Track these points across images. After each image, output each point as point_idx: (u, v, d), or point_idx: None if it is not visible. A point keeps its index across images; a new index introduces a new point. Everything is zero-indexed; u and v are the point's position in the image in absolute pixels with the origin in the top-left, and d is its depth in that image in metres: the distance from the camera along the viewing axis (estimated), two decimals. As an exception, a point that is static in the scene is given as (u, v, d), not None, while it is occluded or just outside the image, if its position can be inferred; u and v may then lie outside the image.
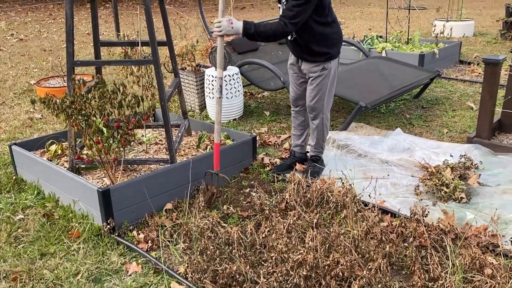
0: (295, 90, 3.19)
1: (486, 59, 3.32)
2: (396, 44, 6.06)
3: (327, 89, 2.99)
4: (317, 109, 3.04)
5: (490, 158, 3.29)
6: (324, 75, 2.94)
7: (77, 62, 2.86)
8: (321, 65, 2.92)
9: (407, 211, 2.61)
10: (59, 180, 2.92)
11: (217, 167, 2.96)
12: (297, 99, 3.23)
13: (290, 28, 2.73)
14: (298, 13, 2.69)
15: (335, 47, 2.93)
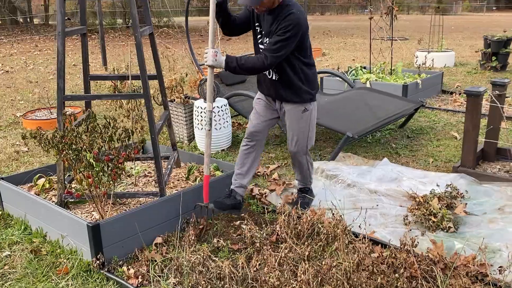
0: (259, 122, 3.05)
1: (468, 91, 3.43)
2: (379, 75, 6.21)
3: (309, 130, 2.98)
4: (300, 152, 3.02)
5: (476, 187, 3.35)
6: (305, 118, 2.93)
7: (68, 97, 2.87)
8: (303, 106, 2.91)
9: (397, 242, 2.63)
10: (47, 215, 2.88)
11: (206, 199, 2.95)
12: (256, 133, 3.06)
13: (271, 60, 2.72)
14: (280, 47, 2.70)
15: (315, 89, 2.95)
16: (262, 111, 3.08)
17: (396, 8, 6.13)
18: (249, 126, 3.11)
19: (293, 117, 2.95)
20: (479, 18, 27.56)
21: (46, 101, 5.84)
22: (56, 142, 2.46)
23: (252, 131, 3.07)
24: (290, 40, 2.71)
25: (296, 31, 2.71)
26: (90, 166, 2.47)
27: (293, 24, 2.69)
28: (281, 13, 2.74)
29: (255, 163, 3.12)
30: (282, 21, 2.72)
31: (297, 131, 2.97)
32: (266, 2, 2.71)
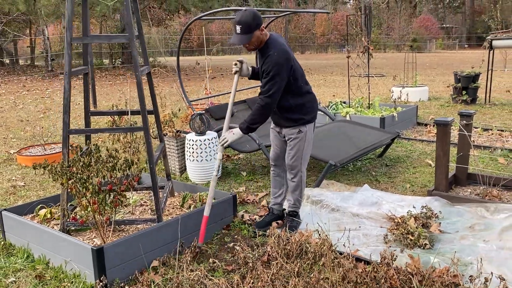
0: (275, 149, 3.51)
1: (438, 121, 3.78)
2: (358, 108, 6.60)
3: (304, 149, 3.33)
4: (296, 167, 3.35)
5: (449, 209, 3.64)
6: (300, 138, 3.28)
7: (72, 131, 3.11)
8: (297, 128, 3.27)
9: (378, 258, 2.87)
10: (51, 242, 3.05)
11: (201, 240, 3.15)
12: (277, 158, 3.52)
13: (265, 101, 3.08)
14: (269, 87, 3.06)
15: (309, 114, 3.29)
16: (274, 140, 3.50)
17: (371, 47, 6.59)
18: (271, 153, 3.57)
19: (290, 137, 3.32)
20: (451, 56, 28.88)
21: (39, 138, 6.03)
22: (65, 171, 2.68)
23: (273, 158, 3.54)
24: (275, 79, 3.06)
25: (278, 70, 3.05)
26: (96, 193, 2.69)
27: (272, 65, 3.05)
28: (264, 54, 3.13)
29: (284, 184, 3.59)
30: (264, 63, 3.11)
31: (294, 148, 3.31)
32: (254, 41, 3.08)
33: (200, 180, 4.62)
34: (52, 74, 18.15)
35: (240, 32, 3.04)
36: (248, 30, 3.02)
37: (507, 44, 7.63)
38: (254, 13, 3.05)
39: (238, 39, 3.06)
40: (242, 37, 3.05)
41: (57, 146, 6.00)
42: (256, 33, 3.05)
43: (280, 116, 3.29)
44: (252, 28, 3.02)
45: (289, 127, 3.30)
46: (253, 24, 3.02)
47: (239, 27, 3.03)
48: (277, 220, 3.58)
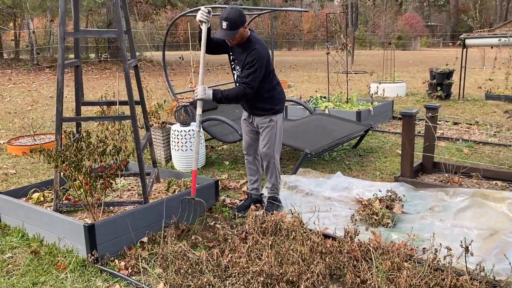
0: (246, 139, 3.81)
1: (403, 113, 4.11)
2: (337, 103, 6.93)
3: (276, 137, 3.63)
4: (269, 154, 3.64)
5: (413, 193, 3.98)
6: (271, 126, 3.59)
7: (65, 119, 3.36)
8: (268, 118, 3.58)
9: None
10: (45, 221, 3.31)
11: (193, 192, 3.44)
12: (248, 147, 3.83)
13: (248, 91, 3.41)
14: (252, 79, 3.39)
15: (279, 104, 3.63)
16: (246, 130, 3.79)
17: (350, 45, 6.91)
18: (243, 144, 3.85)
19: (263, 126, 3.62)
20: (435, 53, 29.48)
21: (28, 129, 6.22)
22: (59, 154, 2.93)
23: (245, 146, 3.83)
24: (258, 71, 3.40)
25: (261, 63, 3.40)
26: (88, 174, 2.95)
27: (257, 57, 3.38)
28: (248, 48, 3.43)
29: (259, 170, 3.89)
30: (248, 55, 3.40)
31: (266, 136, 3.62)
32: (237, 37, 3.38)
33: (185, 169, 4.89)
34: (38, 68, 18.15)
35: (226, 28, 3.32)
36: (234, 26, 3.31)
37: (478, 42, 8.03)
38: (240, 11, 3.36)
39: (224, 34, 3.34)
40: (228, 33, 3.33)
41: (46, 136, 6.21)
42: (240, 30, 3.35)
43: (254, 105, 3.60)
44: (238, 25, 3.31)
45: (261, 116, 3.60)
46: (238, 21, 3.31)
47: (225, 23, 3.31)
48: (255, 204, 3.87)
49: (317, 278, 2.55)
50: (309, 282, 2.53)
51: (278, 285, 2.56)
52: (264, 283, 2.56)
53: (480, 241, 3.17)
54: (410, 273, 2.55)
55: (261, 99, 3.55)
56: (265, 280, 2.56)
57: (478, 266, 2.55)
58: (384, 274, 2.61)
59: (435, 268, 2.66)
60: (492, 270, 2.55)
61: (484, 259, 2.83)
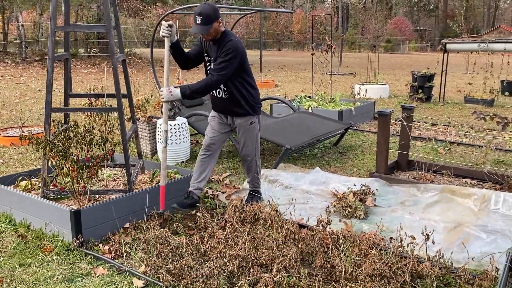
0: (215, 134, 3.68)
1: (379, 112, 4.31)
2: (320, 102, 7.13)
3: (256, 137, 3.73)
4: (250, 155, 3.75)
5: (386, 188, 4.19)
6: (252, 127, 3.67)
7: (54, 109, 3.50)
8: (250, 119, 3.65)
9: (318, 225, 3.39)
10: (32, 207, 3.44)
11: (162, 207, 3.53)
12: (213, 144, 3.69)
13: (217, 78, 3.33)
14: (224, 67, 3.38)
15: (258, 105, 3.70)
16: (216, 126, 3.74)
17: (334, 46, 7.12)
18: (206, 139, 3.75)
19: (243, 128, 3.66)
20: (423, 57, 29.93)
21: (16, 120, 6.32)
22: (47, 142, 3.07)
23: (209, 143, 3.70)
24: (231, 61, 3.39)
25: (235, 53, 3.39)
26: (75, 162, 3.09)
27: (232, 48, 3.39)
28: (223, 41, 3.45)
29: (210, 170, 3.74)
30: (224, 46, 3.42)
31: (247, 139, 3.69)
32: (212, 32, 3.40)
33: (170, 162, 5.03)
34: (26, 61, 18.10)
35: (200, 22, 3.34)
36: (209, 21, 3.34)
37: (459, 48, 8.30)
38: (213, 6, 3.40)
39: (199, 29, 3.36)
40: (202, 28, 3.35)
41: (34, 128, 6.31)
42: (215, 25, 3.37)
43: (234, 105, 3.56)
44: (212, 19, 3.34)
45: (242, 117, 3.62)
46: (213, 15, 3.34)
47: (199, 18, 3.34)
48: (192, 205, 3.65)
49: (289, 262, 2.73)
50: (282, 265, 2.71)
51: (252, 268, 2.73)
52: (240, 266, 2.73)
53: (445, 233, 3.38)
54: (376, 259, 2.74)
55: (243, 99, 3.56)
56: (241, 263, 2.74)
57: (438, 253, 2.75)
58: (352, 260, 2.80)
59: (399, 255, 2.86)
60: (451, 257, 2.75)
61: (447, 249, 3.04)
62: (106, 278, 2.83)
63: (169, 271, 2.74)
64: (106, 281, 2.80)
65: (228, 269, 2.70)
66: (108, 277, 2.85)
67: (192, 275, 2.65)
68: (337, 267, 2.77)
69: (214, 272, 2.67)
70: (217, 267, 2.72)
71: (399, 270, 2.66)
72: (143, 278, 2.78)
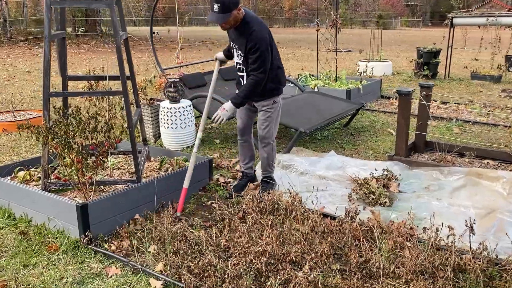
0: (243, 120, 3.64)
1: (400, 91, 4.06)
2: (326, 81, 6.85)
3: (275, 119, 3.51)
4: (268, 137, 3.52)
5: (407, 172, 3.97)
6: (274, 108, 3.45)
7: (53, 94, 3.19)
8: (272, 99, 3.43)
9: (343, 214, 3.17)
10: (33, 201, 3.16)
11: (180, 209, 3.29)
12: (245, 129, 3.66)
13: (261, 77, 3.22)
14: (261, 63, 3.19)
15: (282, 85, 3.48)
16: (242, 110, 3.58)
17: (339, 22, 6.81)
18: (238, 125, 3.69)
19: (265, 109, 3.46)
20: (416, 33, 29.59)
21: (7, 104, 5.97)
22: (48, 131, 2.78)
23: (240, 128, 3.66)
24: (263, 54, 3.18)
25: (264, 44, 3.18)
26: (80, 152, 2.82)
27: (258, 42, 3.15)
28: (245, 31, 3.19)
29: (252, 151, 3.77)
30: (248, 41, 3.17)
31: (268, 119, 3.47)
32: (231, 20, 3.12)
33: (175, 147, 4.76)
34: (12, 41, 17.46)
35: (218, 11, 3.02)
36: (227, 9, 3.03)
37: (467, 22, 8.02)
38: None
39: (216, 17, 3.05)
40: (220, 16, 3.04)
41: (27, 112, 5.97)
42: (234, 13, 3.07)
43: None
44: (230, 7, 3.03)
45: (265, 99, 3.43)
46: (232, 2, 3.03)
47: (217, 6, 3.01)
48: (252, 182, 3.80)
49: (320, 258, 2.51)
50: (313, 261, 2.49)
51: (281, 265, 2.51)
52: (267, 263, 2.51)
53: (478, 220, 3.17)
54: (414, 253, 2.53)
55: (268, 79, 3.33)
56: (268, 260, 2.51)
57: (482, 245, 2.55)
58: (388, 254, 2.59)
59: (437, 248, 2.66)
60: (495, 249, 2.56)
61: (482, 237, 2.84)
62: (120, 279, 2.59)
63: (190, 270, 2.51)
64: (120, 282, 2.57)
65: (255, 267, 2.48)
66: (122, 277, 2.61)
67: (217, 275, 2.42)
68: (372, 262, 2.56)
69: (240, 271, 2.45)
70: (242, 264, 2.49)
71: (442, 266, 2.45)
72: (161, 278, 2.54)
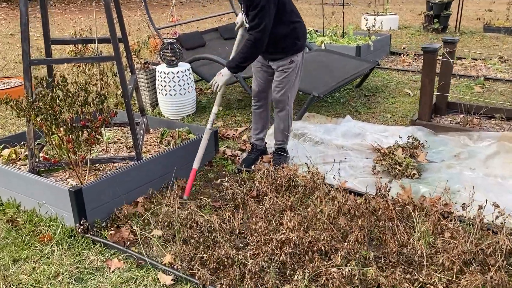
0: (259, 83, 3.26)
1: (425, 48, 3.64)
2: (333, 37, 6.37)
3: (294, 81, 3.12)
4: (284, 101, 3.14)
5: (433, 138, 3.62)
6: (292, 69, 3.05)
7: (34, 61, 2.76)
8: (289, 59, 3.02)
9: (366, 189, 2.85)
10: (21, 185, 2.81)
11: (187, 193, 2.94)
12: (260, 92, 3.29)
13: (258, 36, 2.79)
14: (261, 20, 2.76)
15: (300, 41, 3.05)
16: (258, 72, 3.23)
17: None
18: (253, 87, 3.32)
19: (281, 68, 3.07)
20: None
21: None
22: (30, 106, 2.38)
23: (256, 91, 3.29)
24: (264, 9, 2.75)
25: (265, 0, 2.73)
26: (70, 130, 2.43)
27: None
28: None
29: (267, 119, 3.41)
30: None
31: (284, 80, 3.08)
32: None
33: (174, 116, 4.37)
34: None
35: None
36: None
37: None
38: None
39: None
40: None
41: (11, 80, 5.51)
42: None
43: (273, 44, 2.97)
44: None
45: (280, 59, 3.04)
46: None
47: None
48: (262, 155, 3.44)
49: (352, 246, 2.19)
50: (345, 252, 2.17)
51: (307, 255, 2.19)
52: (292, 254, 2.19)
53: (518, 192, 2.86)
54: (459, 237, 2.21)
55: (279, 38, 2.94)
56: (293, 251, 2.19)
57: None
58: (427, 238, 2.28)
59: (481, 228, 2.34)
60: (551, 231, 2.25)
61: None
62: (124, 274, 2.28)
63: (204, 263, 2.20)
64: (124, 278, 2.25)
65: (279, 259, 2.16)
66: (126, 271, 2.30)
67: (235, 270, 2.11)
68: (409, 248, 2.24)
69: (262, 265, 2.13)
70: (264, 256, 2.17)
71: (495, 252, 2.14)
72: (171, 273, 2.23)
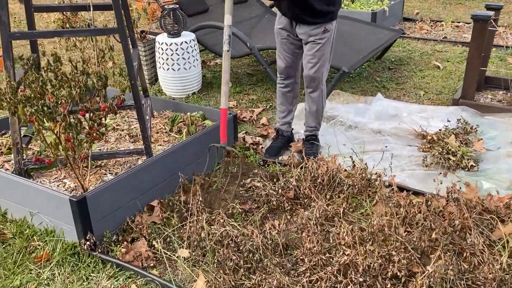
0: (287, 59, 2.73)
1: (476, 16, 3.15)
2: (345, 2, 5.80)
3: (328, 54, 2.62)
4: (317, 78, 2.65)
5: (479, 120, 3.18)
6: (326, 39, 2.55)
7: (16, 35, 2.18)
8: (322, 27, 2.51)
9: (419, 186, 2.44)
10: (7, 189, 2.28)
11: (223, 139, 2.48)
12: (288, 69, 2.77)
13: None
14: None
15: (336, 4, 2.54)
16: (284, 46, 2.70)
17: None
18: (279, 63, 2.79)
19: (312, 38, 2.56)
20: None
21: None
22: (15, 94, 1.83)
23: (283, 67, 2.77)
24: None
25: None
26: (70, 126, 1.90)
27: None
28: None
29: (295, 100, 2.94)
30: None
31: (317, 54, 2.58)
32: None
33: (178, 94, 3.82)
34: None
35: None
36: None
37: None
38: None
39: None
40: None
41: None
42: None
43: (304, 6, 2.46)
44: None
45: (313, 24, 2.53)
46: None
47: None
48: (289, 143, 2.96)
49: (438, 270, 1.76)
50: (426, 277, 1.74)
51: (378, 283, 1.76)
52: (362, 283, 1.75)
53: None
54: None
55: None
56: (362, 278, 1.75)
57: None
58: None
59: None
60: None
61: None
62: (146, 308, 1.82)
63: (250, 296, 1.75)
64: (147, 313, 1.80)
65: None
66: (148, 304, 1.84)
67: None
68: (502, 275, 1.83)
69: (326, 298, 1.69)
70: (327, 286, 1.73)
71: None
72: (208, 307, 1.78)
